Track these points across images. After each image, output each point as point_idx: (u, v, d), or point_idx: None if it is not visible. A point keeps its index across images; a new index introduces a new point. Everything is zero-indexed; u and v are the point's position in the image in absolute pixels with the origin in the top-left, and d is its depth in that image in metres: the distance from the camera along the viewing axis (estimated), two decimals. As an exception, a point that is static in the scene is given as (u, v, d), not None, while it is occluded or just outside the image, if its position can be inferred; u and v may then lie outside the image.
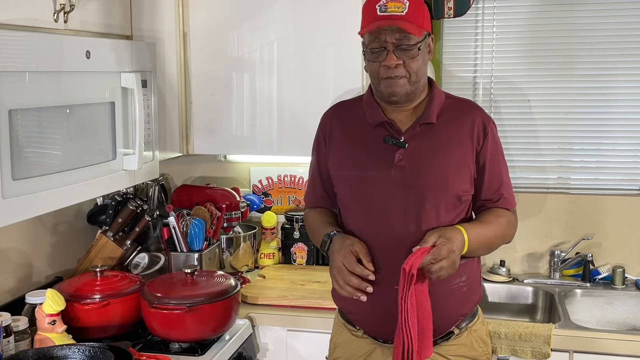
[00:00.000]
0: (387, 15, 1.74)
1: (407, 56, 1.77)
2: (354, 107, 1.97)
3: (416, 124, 1.84)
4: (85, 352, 1.78)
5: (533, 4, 2.72)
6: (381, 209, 1.83)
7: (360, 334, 1.92)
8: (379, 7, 1.76)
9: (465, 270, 1.84)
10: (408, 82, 1.79)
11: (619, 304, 2.57)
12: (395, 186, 1.81)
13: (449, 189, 1.81)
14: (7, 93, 1.59)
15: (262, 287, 2.54)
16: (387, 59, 1.76)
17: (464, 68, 2.82)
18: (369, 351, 1.91)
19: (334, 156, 1.94)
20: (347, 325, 1.96)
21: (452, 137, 1.84)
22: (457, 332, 1.88)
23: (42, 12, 1.82)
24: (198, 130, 2.59)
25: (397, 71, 1.77)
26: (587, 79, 2.72)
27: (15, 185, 1.63)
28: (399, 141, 1.83)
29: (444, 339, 1.87)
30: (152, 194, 2.75)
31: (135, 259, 2.52)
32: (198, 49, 2.54)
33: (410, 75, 1.79)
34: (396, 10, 1.74)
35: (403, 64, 1.77)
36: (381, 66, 1.78)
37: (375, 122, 1.87)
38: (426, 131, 1.84)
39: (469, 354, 1.90)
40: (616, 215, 2.70)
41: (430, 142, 1.83)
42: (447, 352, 1.87)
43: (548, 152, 2.78)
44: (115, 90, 2.02)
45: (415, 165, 1.81)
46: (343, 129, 1.94)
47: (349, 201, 1.91)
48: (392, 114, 1.88)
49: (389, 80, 1.79)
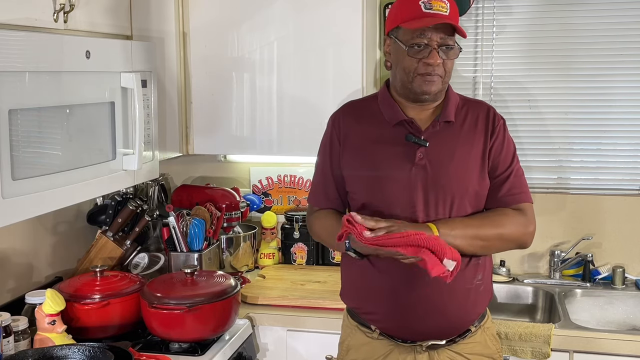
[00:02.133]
0: (433, 13, 1.75)
1: (449, 56, 1.79)
2: (368, 105, 1.95)
3: (436, 122, 1.85)
4: (85, 352, 1.78)
5: (533, 4, 2.72)
6: (402, 208, 1.81)
7: (376, 336, 1.89)
8: (423, 4, 1.76)
9: (481, 268, 1.85)
10: (442, 81, 1.81)
11: (619, 304, 2.57)
12: (416, 185, 1.81)
13: (469, 187, 1.82)
14: (7, 93, 1.59)
15: (262, 287, 2.54)
16: (431, 57, 1.77)
17: (464, 68, 2.82)
18: (385, 353, 1.88)
19: (349, 156, 1.91)
20: (361, 327, 1.93)
21: (468, 135, 1.85)
22: (473, 330, 1.88)
23: (42, 12, 1.82)
24: (198, 130, 2.59)
25: (437, 69, 1.78)
26: (586, 79, 2.72)
27: (15, 185, 1.62)
28: (420, 139, 1.83)
29: (462, 337, 1.87)
30: (152, 194, 2.75)
31: (135, 259, 2.52)
32: (198, 49, 2.54)
33: (445, 75, 1.81)
34: (441, 10, 1.76)
35: (442, 63, 1.79)
36: (421, 63, 1.78)
37: (395, 120, 1.86)
38: (445, 129, 1.85)
39: (484, 351, 1.90)
40: (616, 215, 2.70)
41: (450, 140, 1.84)
42: (464, 350, 1.87)
43: (548, 152, 2.78)
44: (115, 90, 2.02)
45: (436, 163, 1.81)
46: (359, 129, 1.91)
47: (367, 201, 1.87)
48: (412, 112, 1.87)
49: (427, 77, 1.79)
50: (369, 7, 2.46)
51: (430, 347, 1.85)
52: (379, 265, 1.84)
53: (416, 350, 1.86)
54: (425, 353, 1.85)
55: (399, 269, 1.77)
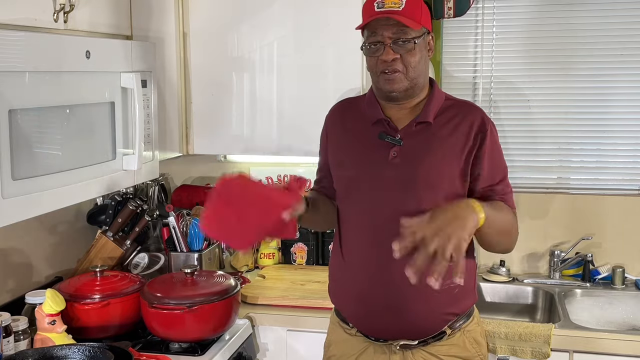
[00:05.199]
0: (383, 10, 1.76)
1: (404, 50, 1.77)
2: (356, 104, 1.98)
3: (413, 122, 1.84)
4: (85, 352, 1.78)
5: (533, 4, 2.72)
6: (375, 206, 1.83)
7: (354, 332, 1.93)
8: (376, 4, 1.77)
9: None
10: (405, 77, 1.80)
11: (619, 304, 2.57)
12: (389, 184, 1.81)
13: (440, 189, 1.80)
14: (7, 93, 1.59)
15: (262, 287, 2.54)
16: (384, 53, 1.77)
17: (463, 68, 2.82)
18: (361, 349, 1.92)
19: (332, 153, 1.96)
20: (341, 323, 1.97)
21: (448, 137, 1.83)
22: (449, 332, 1.87)
23: (42, 12, 1.82)
24: (198, 130, 2.59)
25: (394, 65, 1.78)
26: (586, 79, 2.72)
27: (15, 185, 1.63)
28: (394, 138, 1.83)
29: (436, 339, 1.86)
30: (152, 194, 2.75)
31: (135, 259, 2.52)
32: (198, 49, 2.54)
33: (407, 70, 1.79)
34: (393, 6, 1.76)
35: (400, 58, 1.77)
36: (378, 60, 1.79)
37: (373, 119, 1.87)
38: (422, 130, 1.84)
39: (461, 354, 1.88)
40: (616, 215, 2.70)
41: (426, 141, 1.83)
42: (439, 351, 1.87)
43: (548, 152, 2.78)
44: (115, 90, 2.03)
45: (409, 163, 1.81)
46: (342, 126, 1.95)
47: (344, 198, 1.92)
48: (390, 111, 1.88)
49: (387, 75, 1.79)
50: (369, 7, 2.46)
51: (404, 347, 1.86)
52: (350, 263, 1.88)
53: (390, 350, 1.88)
54: (399, 352, 1.87)
55: (368, 268, 1.80)
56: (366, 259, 1.84)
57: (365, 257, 1.84)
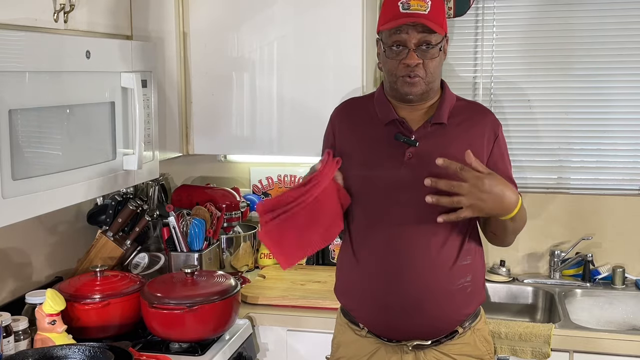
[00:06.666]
0: (410, 13, 1.73)
1: (428, 56, 1.77)
2: (365, 104, 1.96)
3: (427, 123, 1.84)
4: (85, 352, 1.78)
5: (533, 4, 2.72)
6: (390, 206, 1.82)
7: (364, 334, 1.91)
8: (401, 5, 1.74)
9: (470, 270, 1.85)
10: (424, 82, 1.80)
11: (619, 304, 2.57)
12: (404, 184, 1.81)
13: None
14: (7, 93, 1.59)
15: (262, 287, 2.54)
16: (408, 58, 1.76)
17: (464, 68, 2.82)
18: (372, 351, 1.90)
19: (341, 152, 1.92)
20: (351, 324, 1.95)
21: (462, 137, 1.84)
22: (460, 331, 1.88)
23: (42, 12, 1.82)
24: (198, 130, 2.59)
25: (416, 70, 1.77)
26: (586, 79, 2.72)
27: (15, 185, 1.63)
28: (410, 139, 1.83)
29: (448, 338, 1.87)
30: (152, 194, 2.75)
31: (135, 259, 2.52)
32: (198, 49, 2.54)
33: (427, 75, 1.79)
34: (419, 9, 1.73)
35: (422, 63, 1.77)
36: (400, 64, 1.78)
37: (386, 120, 1.86)
38: (437, 131, 1.85)
39: (473, 353, 1.90)
40: (616, 215, 2.70)
41: (441, 141, 1.83)
42: (451, 350, 1.87)
43: (548, 152, 2.78)
44: (115, 90, 2.03)
45: (425, 163, 1.80)
46: (351, 127, 1.93)
47: (356, 197, 1.88)
48: (404, 112, 1.88)
49: (407, 79, 1.79)
50: (369, 7, 2.46)
51: (416, 347, 1.86)
52: (364, 263, 1.86)
53: (402, 350, 1.87)
54: (411, 353, 1.86)
55: (383, 268, 1.80)
56: (382, 259, 1.82)
57: (381, 257, 1.82)
